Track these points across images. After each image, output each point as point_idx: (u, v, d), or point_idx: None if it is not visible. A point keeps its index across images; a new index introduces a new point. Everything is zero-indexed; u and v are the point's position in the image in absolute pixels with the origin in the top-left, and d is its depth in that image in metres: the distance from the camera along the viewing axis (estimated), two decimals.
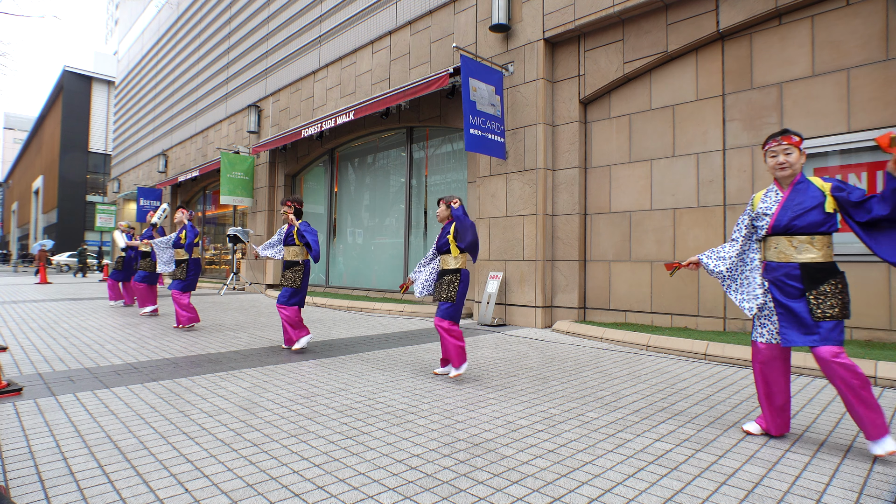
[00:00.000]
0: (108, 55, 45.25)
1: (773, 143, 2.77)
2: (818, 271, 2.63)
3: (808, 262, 2.65)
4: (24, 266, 26.99)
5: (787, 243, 2.70)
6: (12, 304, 9.78)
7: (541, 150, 7.35)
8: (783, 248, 2.71)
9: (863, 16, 5.24)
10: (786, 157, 2.73)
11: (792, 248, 2.69)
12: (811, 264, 2.64)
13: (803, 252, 2.66)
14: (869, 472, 2.39)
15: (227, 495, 2.09)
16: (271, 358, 4.95)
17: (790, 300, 2.68)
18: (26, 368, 4.36)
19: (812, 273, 2.63)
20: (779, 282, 2.72)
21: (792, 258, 2.69)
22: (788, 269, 2.69)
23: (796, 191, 2.73)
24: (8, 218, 69.81)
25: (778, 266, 2.73)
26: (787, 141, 2.72)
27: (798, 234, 2.67)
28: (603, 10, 6.74)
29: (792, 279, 2.68)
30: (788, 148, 2.72)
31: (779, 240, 2.73)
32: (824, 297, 2.60)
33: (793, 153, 2.72)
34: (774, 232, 2.74)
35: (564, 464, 2.46)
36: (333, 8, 11.86)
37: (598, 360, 5.04)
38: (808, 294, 2.62)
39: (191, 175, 16.85)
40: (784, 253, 2.71)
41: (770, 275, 2.78)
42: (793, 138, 2.72)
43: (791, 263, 2.69)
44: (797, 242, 2.68)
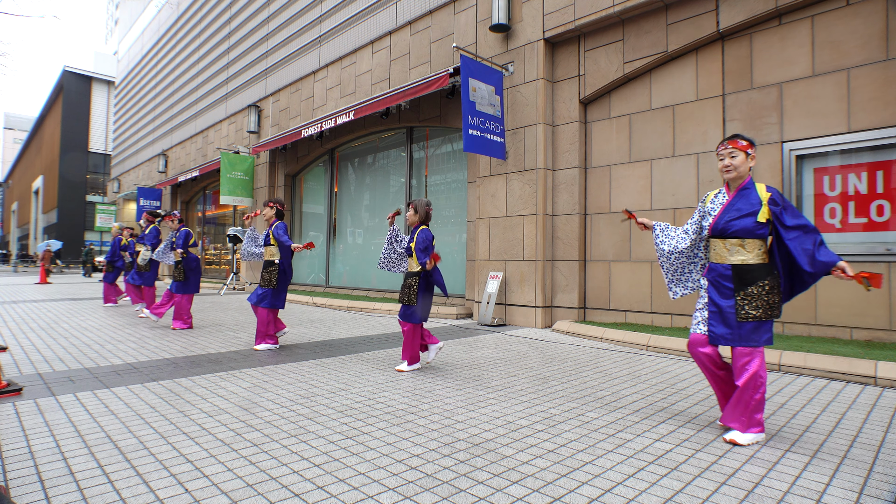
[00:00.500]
0: (108, 55, 45.24)
1: (721, 147, 2.88)
2: (747, 273, 2.76)
3: (738, 264, 2.78)
4: (24, 266, 26.97)
5: (722, 245, 2.85)
6: (12, 304, 9.78)
7: (541, 150, 7.35)
8: (719, 250, 2.86)
9: (863, 16, 5.24)
10: (730, 160, 2.82)
11: (725, 250, 2.83)
12: (742, 266, 2.77)
13: (735, 255, 2.80)
14: (869, 472, 2.39)
15: (227, 495, 2.09)
16: (271, 358, 4.95)
17: (722, 299, 2.82)
18: (26, 368, 4.36)
19: (742, 274, 2.77)
20: (715, 282, 2.86)
21: (725, 259, 2.83)
22: (722, 269, 2.84)
23: (740, 196, 2.83)
24: (8, 218, 69.81)
25: (714, 267, 2.89)
26: (733, 145, 2.83)
27: (731, 237, 2.80)
28: (603, 10, 6.74)
29: (725, 279, 2.82)
30: (734, 151, 2.82)
31: (715, 241, 2.88)
32: (750, 299, 2.74)
33: (738, 156, 2.81)
34: (713, 234, 2.88)
35: (564, 464, 2.46)
36: (333, 8, 11.86)
37: (598, 360, 5.04)
38: (737, 295, 2.77)
39: (191, 175, 16.86)
40: (719, 254, 2.86)
41: (710, 275, 2.91)
42: (739, 142, 2.82)
43: (724, 265, 2.83)
44: (730, 245, 2.81)
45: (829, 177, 5.47)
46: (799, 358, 4.47)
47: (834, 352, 4.57)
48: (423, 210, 4.53)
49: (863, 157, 5.29)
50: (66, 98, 41.76)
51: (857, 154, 5.31)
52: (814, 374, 4.33)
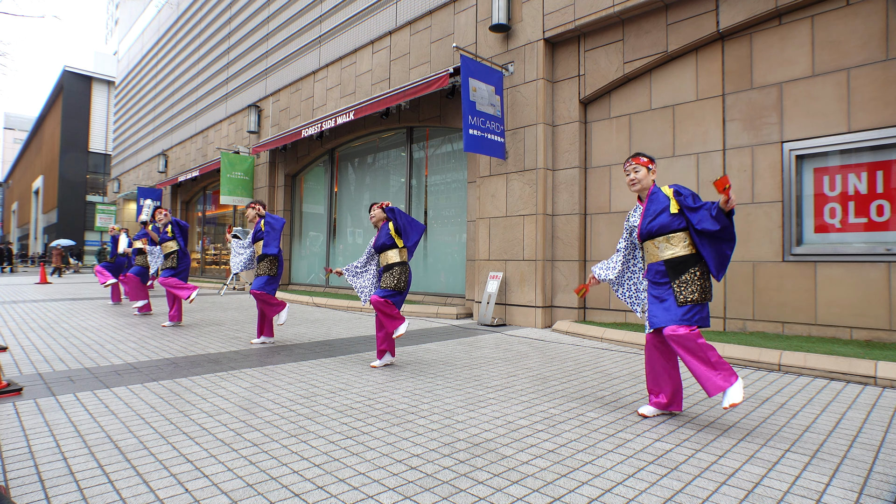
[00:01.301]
0: (108, 55, 45.23)
1: (626, 164, 3.24)
2: (679, 264, 3.05)
3: (670, 258, 3.07)
4: (24, 266, 26.92)
5: (652, 246, 3.15)
6: (12, 304, 9.78)
7: (541, 150, 7.35)
8: (650, 251, 3.17)
9: (863, 16, 5.24)
10: (634, 175, 3.19)
11: (655, 248, 3.14)
12: (672, 259, 3.07)
13: (665, 250, 3.09)
14: (869, 472, 2.39)
15: (227, 495, 2.09)
16: (271, 358, 4.95)
17: (662, 291, 3.09)
18: (26, 368, 4.36)
19: (674, 266, 3.05)
20: (653, 279, 3.15)
21: (658, 257, 3.12)
22: (657, 266, 3.13)
23: (651, 200, 3.17)
24: (8, 218, 69.81)
25: (650, 267, 3.18)
26: (636, 161, 3.19)
27: (657, 235, 3.11)
28: (603, 10, 6.74)
29: (661, 275, 3.11)
30: (637, 167, 3.18)
31: (647, 244, 3.19)
32: (686, 285, 3.01)
33: (640, 171, 3.17)
34: (643, 238, 3.20)
35: (564, 464, 2.46)
36: (333, 8, 11.86)
37: (598, 360, 5.04)
38: (673, 283, 3.04)
39: (191, 175, 16.86)
40: (652, 254, 3.16)
41: (648, 275, 3.20)
42: (641, 159, 3.18)
43: (658, 262, 3.13)
44: (658, 243, 3.12)
45: (829, 177, 5.47)
46: (799, 358, 4.47)
47: (834, 352, 4.57)
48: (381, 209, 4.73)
49: (863, 157, 5.28)
50: (66, 98, 41.75)
51: (857, 154, 5.31)
52: (814, 374, 4.33)
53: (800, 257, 5.53)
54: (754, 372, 4.54)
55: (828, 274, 5.37)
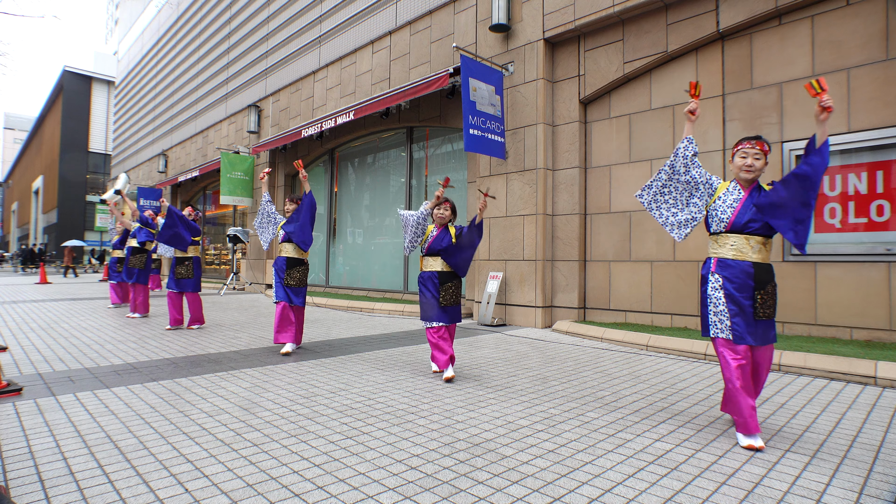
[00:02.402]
0: (108, 55, 45.23)
1: (747, 145, 2.85)
2: (766, 272, 2.81)
3: (759, 262, 2.81)
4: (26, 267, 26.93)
5: (744, 241, 2.82)
6: (12, 304, 9.78)
7: (541, 150, 7.35)
8: (740, 246, 2.83)
9: (863, 16, 5.24)
10: (754, 161, 2.83)
11: (749, 247, 2.82)
12: (761, 264, 2.81)
13: (757, 252, 2.81)
14: (869, 472, 2.39)
15: (227, 495, 2.09)
16: (271, 358, 4.95)
17: (744, 299, 2.78)
18: (26, 368, 4.36)
19: (761, 273, 2.79)
20: (734, 279, 2.81)
21: (746, 257, 2.81)
22: (746, 266, 2.80)
23: (752, 195, 2.86)
24: (8, 218, 69.80)
25: (732, 263, 2.83)
26: (760, 147, 2.83)
27: (755, 234, 2.81)
28: (603, 10, 6.74)
29: (747, 277, 2.79)
30: (759, 154, 2.83)
31: (736, 237, 2.84)
32: (766, 298, 2.78)
33: (761, 160, 2.84)
34: (733, 229, 2.85)
35: (564, 464, 2.46)
36: (333, 8, 11.86)
37: (598, 360, 5.04)
38: (757, 294, 2.77)
39: (191, 175, 16.85)
40: (740, 251, 2.82)
41: (724, 271, 2.84)
42: (764, 146, 2.84)
43: (745, 262, 2.81)
44: (754, 242, 2.81)
45: (829, 177, 5.47)
46: (799, 358, 4.47)
47: (834, 352, 4.57)
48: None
49: (863, 157, 5.28)
50: (66, 98, 41.76)
51: (857, 154, 5.31)
52: (814, 374, 4.33)
53: (800, 257, 5.53)
54: None
55: (828, 274, 5.37)
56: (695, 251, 6.28)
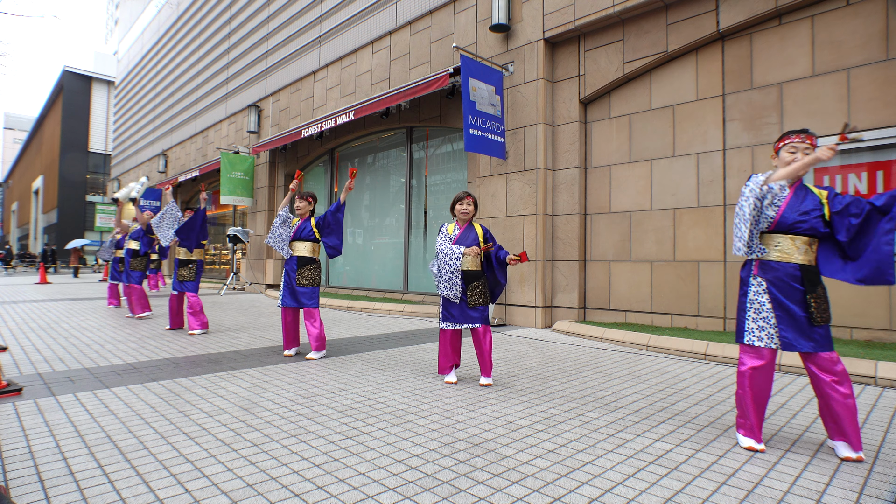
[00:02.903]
0: (108, 55, 45.22)
1: (797, 139, 2.67)
2: (815, 274, 2.65)
3: (805, 264, 2.64)
4: (24, 267, 26.97)
5: (790, 242, 2.65)
6: (12, 304, 9.78)
7: (541, 150, 7.35)
8: (785, 248, 2.66)
9: (863, 16, 5.24)
10: (803, 156, 2.65)
11: (795, 248, 2.64)
12: (808, 266, 2.64)
13: (803, 254, 2.64)
14: (869, 472, 2.39)
15: (227, 495, 2.09)
16: (271, 358, 4.95)
17: (790, 303, 2.62)
18: (26, 368, 4.36)
19: (810, 276, 2.63)
20: (779, 282, 2.65)
21: (792, 258, 2.64)
22: (790, 269, 2.64)
23: (797, 193, 2.68)
24: (8, 218, 69.80)
25: (779, 266, 2.66)
26: (810, 141, 2.67)
27: (802, 234, 2.64)
28: (603, 10, 6.74)
29: (793, 280, 2.62)
30: (808, 148, 2.65)
31: (781, 238, 2.67)
32: (820, 301, 2.60)
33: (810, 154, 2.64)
34: (778, 229, 2.67)
35: (564, 464, 2.46)
36: (333, 8, 11.86)
37: (598, 360, 5.04)
38: (809, 297, 2.59)
39: (191, 175, 16.85)
40: (785, 252, 2.65)
41: (769, 274, 2.68)
42: (814, 140, 2.68)
43: (791, 263, 2.64)
44: (800, 243, 2.64)
45: (829, 177, 5.46)
46: (797, 358, 4.47)
47: None
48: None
49: (863, 157, 5.28)
50: (66, 98, 41.76)
51: (857, 154, 5.31)
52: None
53: None
54: None
55: None
56: (695, 251, 6.28)
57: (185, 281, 6.62)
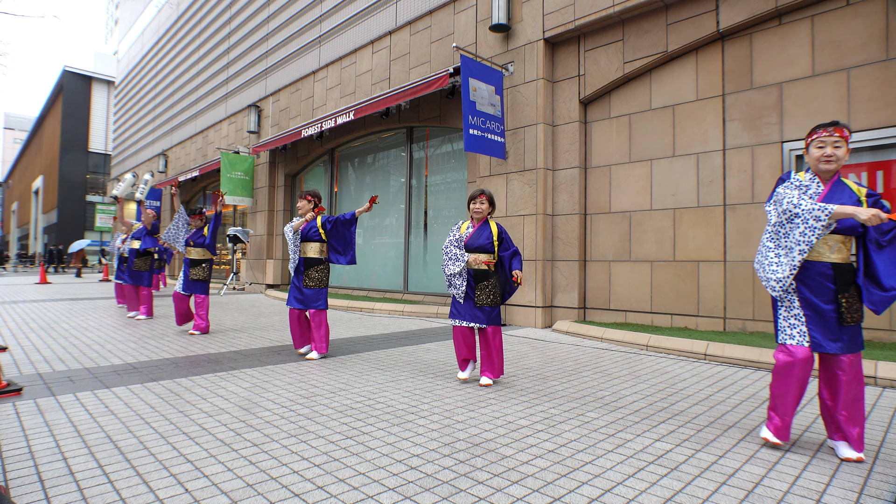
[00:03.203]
0: (108, 55, 45.22)
1: (824, 133, 2.55)
2: (848, 273, 2.54)
3: (839, 263, 2.53)
4: (24, 267, 26.97)
5: (821, 241, 2.54)
6: (12, 304, 9.78)
7: (541, 150, 7.35)
8: (817, 246, 2.54)
9: (863, 16, 5.24)
10: (834, 150, 2.53)
11: (826, 246, 2.53)
12: (842, 265, 2.53)
13: (836, 252, 2.54)
14: (869, 472, 2.39)
15: (227, 495, 2.09)
16: (271, 358, 4.95)
17: (821, 302, 2.53)
18: (26, 368, 4.36)
19: (843, 275, 2.53)
20: (810, 281, 2.55)
21: (823, 257, 2.54)
22: (821, 268, 2.54)
23: (833, 190, 2.57)
24: (8, 218, 69.80)
25: (809, 265, 2.56)
26: (839, 133, 2.52)
27: (836, 233, 2.52)
28: (603, 10, 6.74)
29: (825, 279, 2.53)
30: (838, 141, 2.52)
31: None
32: (853, 301, 2.51)
33: (841, 147, 2.53)
34: None
35: (564, 464, 2.46)
36: (333, 8, 11.86)
37: (598, 360, 5.04)
38: (841, 297, 2.50)
39: (191, 175, 16.85)
40: (817, 251, 2.55)
41: (800, 273, 2.58)
42: (844, 131, 2.53)
43: (823, 262, 2.54)
44: (833, 241, 2.53)
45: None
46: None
47: None
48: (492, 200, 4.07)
49: (863, 157, 5.28)
50: (66, 98, 41.76)
51: (857, 154, 5.31)
52: (814, 375, 4.32)
53: None
54: (754, 372, 4.54)
55: None
56: (694, 251, 6.28)
57: (197, 281, 6.45)
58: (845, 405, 2.54)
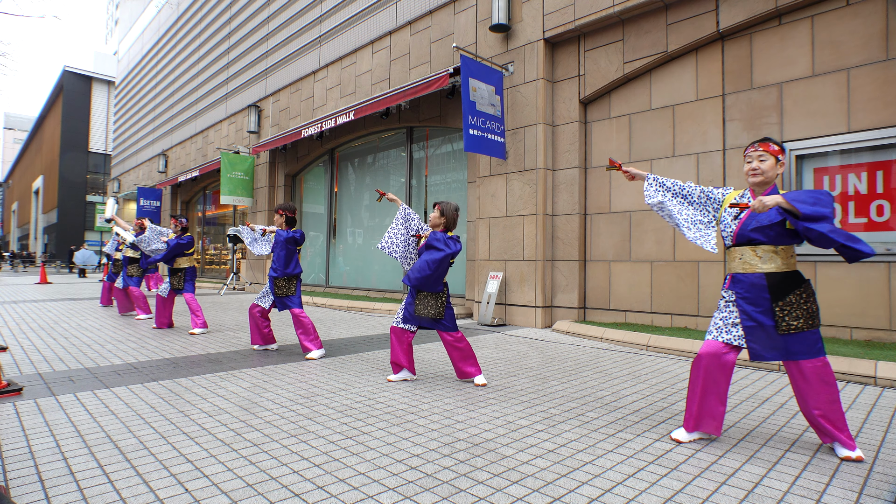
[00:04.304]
0: (108, 55, 45.23)
1: (751, 150, 2.72)
2: (784, 282, 2.59)
3: (773, 272, 2.60)
4: (24, 267, 26.96)
5: (751, 253, 2.65)
6: (12, 304, 9.78)
7: (541, 150, 7.35)
8: (748, 259, 2.66)
9: (863, 16, 5.24)
10: (759, 164, 2.67)
11: (757, 258, 2.64)
12: (776, 274, 2.60)
13: (768, 262, 2.62)
14: (869, 472, 2.39)
15: (227, 495, 2.09)
16: (271, 358, 4.95)
17: (758, 314, 2.62)
18: (26, 368, 4.36)
19: (779, 284, 2.59)
20: (746, 293, 2.65)
21: (757, 268, 2.63)
22: (753, 279, 2.63)
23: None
24: (8, 218, 69.81)
25: (744, 277, 2.67)
26: (764, 148, 2.67)
27: (763, 244, 2.62)
28: (603, 10, 6.74)
29: (760, 290, 2.62)
30: (763, 154, 2.67)
31: (743, 250, 2.68)
32: (790, 309, 2.57)
33: (767, 160, 2.66)
34: (739, 241, 2.69)
35: (564, 464, 2.46)
36: (333, 8, 11.87)
37: (598, 360, 5.04)
38: (775, 306, 2.58)
39: (191, 175, 16.86)
40: (749, 263, 2.66)
41: (736, 286, 2.70)
42: (771, 147, 2.67)
43: (756, 274, 2.63)
44: (762, 252, 2.63)
45: (829, 177, 5.47)
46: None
47: (834, 352, 4.57)
48: (451, 215, 4.00)
49: (863, 157, 5.29)
50: (66, 98, 41.75)
51: (856, 154, 5.31)
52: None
53: (800, 257, 5.53)
54: (754, 372, 4.54)
55: (828, 274, 5.37)
56: (695, 251, 6.28)
57: (175, 288, 6.72)
58: (817, 406, 2.59)
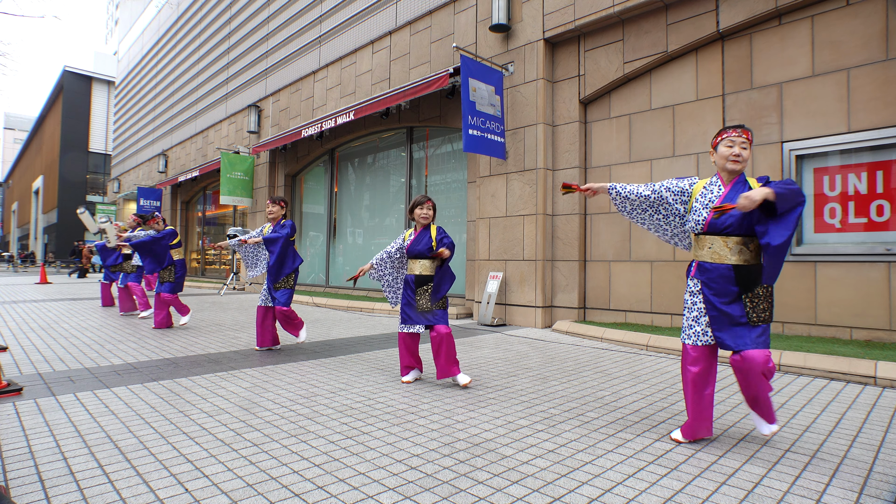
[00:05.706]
0: (108, 55, 45.23)
1: (733, 133, 2.62)
2: (751, 274, 2.58)
3: (740, 265, 2.58)
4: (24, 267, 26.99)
5: (722, 243, 2.61)
6: (12, 304, 9.78)
7: (541, 150, 7.35)
8: (717, 249, 2.62)
9: (863, 16, 5.24)
10: (741, 150, 2.60)
11: (727, 248, 2.60)
12: (744, 266, 2.58)
13: (737, 253, 2.59)
14: (869, 472, 2.39)
15: (227, 495, 2.09)
16: (271, 358, 4.95)
17: (724, 304, 2.59)
18: (26, 368, 4.36)
19: (746, 276, 2.57)
20: (713, 283, 2.62)
21: (725, 259, 2.60)
22: (724, 270, 2.60)
23: (735, 189, 2.63)
24: (8, 218, 69.80)
25: (711, 267, 2.64)
26: (746, 135, 2.61)
27: (734, 234, 2.58)
28: (603, 10, 6.74)
29: (727, 281, 2.59)
30: (745, 143, 2.60)
31: (714, 239, 2.63)
32: (758, 301, 2.55)
33: (747, 149, 2.61)
34: (710, 230, 2.64)
35: (564, 464, 2.46)
36: (333, 8, 11.86)
37: (598, 360, 5.04)
38: (744, 297, 2.56)
39: (191, 175, 16.86)
40: (718, 253, 2.62)
41: (703, 275, 2.67)
42: (749, 135, 2.63)
43: (725, 265, 2.60)
44: (732, 243, 2.59)
45: (829, 177, 5.47)
46: (799, 358, 4.47)
47: (834, 352, 4.57)
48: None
49: (863, 157, 5.28)
50: (66, 98, 41.74)
51: (856, 154, 5.31)
52: (814, 374, 4.33)
53: (800, 257, 5.53)
54: None
55: (828, 274, 5.37)
56: None
57: (164, 282, 6.89)
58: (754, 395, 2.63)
